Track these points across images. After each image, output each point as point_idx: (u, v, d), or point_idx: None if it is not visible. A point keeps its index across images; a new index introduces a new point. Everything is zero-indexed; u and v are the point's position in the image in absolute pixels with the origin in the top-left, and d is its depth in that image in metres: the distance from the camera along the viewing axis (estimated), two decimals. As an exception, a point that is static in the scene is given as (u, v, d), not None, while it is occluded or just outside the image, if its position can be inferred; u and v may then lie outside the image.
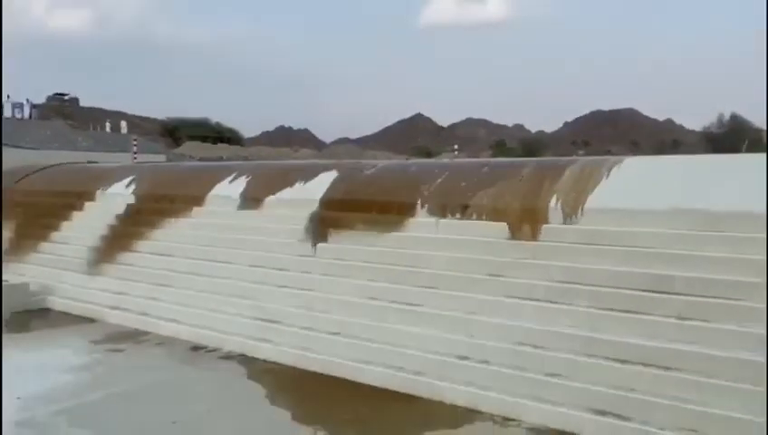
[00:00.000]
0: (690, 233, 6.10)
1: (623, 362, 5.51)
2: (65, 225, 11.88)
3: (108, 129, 31.59)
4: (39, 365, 7.21)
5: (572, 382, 5.58)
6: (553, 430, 5.32)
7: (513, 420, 5.55)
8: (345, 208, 8.54)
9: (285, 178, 9.71)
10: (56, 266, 10.87)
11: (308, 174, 9.58)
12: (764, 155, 6.44)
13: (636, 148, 74.39)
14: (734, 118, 72.08)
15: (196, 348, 7.86)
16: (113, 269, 10.14)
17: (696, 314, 5.53)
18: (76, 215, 11.96)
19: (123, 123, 33.43)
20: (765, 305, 5.03)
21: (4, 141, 19.06)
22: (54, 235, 11.77)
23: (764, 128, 65.34)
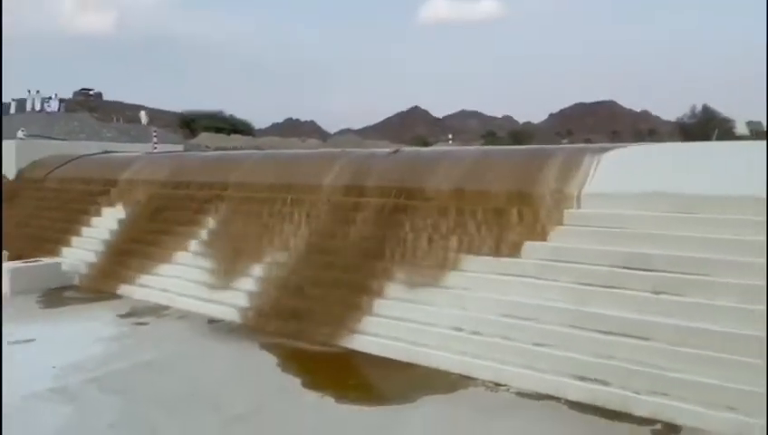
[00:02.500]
0: (666, 215, 6.10)
1: (604, 332, 5.52)
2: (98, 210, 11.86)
3: (143, 120, 31.35)
4: (71, 337, 7.24)
5: (557, 351, 5.60)
6: (540, 394, 5.35)
7: (504, 385, 5.58)
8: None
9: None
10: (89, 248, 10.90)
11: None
12: (733, 143, 6.43)
13: (615, 137, 74.09)
14: (706, 109, 71.72)
15: (212, 321, 7.89)
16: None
17: (670, 289, 5.54)
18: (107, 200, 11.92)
19: (143, 113, 33.21)
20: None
21: (35, 133, 19.00)
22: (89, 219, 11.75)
23: (733, 118, 65.18)
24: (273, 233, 8.75)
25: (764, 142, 6.30)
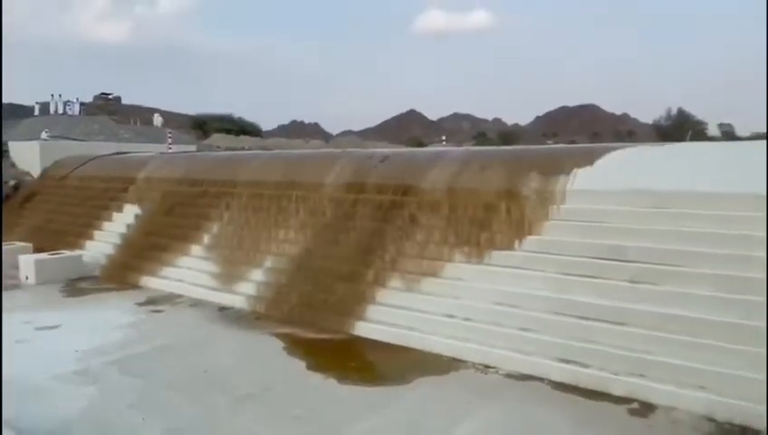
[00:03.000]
0: (642, 210, 6.12)
1: (585, 318, 5.56)
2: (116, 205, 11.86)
3: (155, 122, 31.05)
4: (93, 324, 7.26)
5: (542, 336, 5.64)
6: (526, 376, 5.40)
7: (492, 367, 5.62)
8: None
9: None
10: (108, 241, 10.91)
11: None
12: (706, 144, 6.46)
13: (597, 138, 74.02)
14: (681, 112, 71.64)
15: (222, 308, 7.92)
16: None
17: (645, 278, 5.57)
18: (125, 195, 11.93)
19: (156, 116, 32.93)
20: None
21: (58, 134, 18.96)
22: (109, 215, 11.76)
23: (705, 121, 65.15)
24: (280, 227, 8.77)
25: (733, 143, 6.34)
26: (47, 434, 4.33)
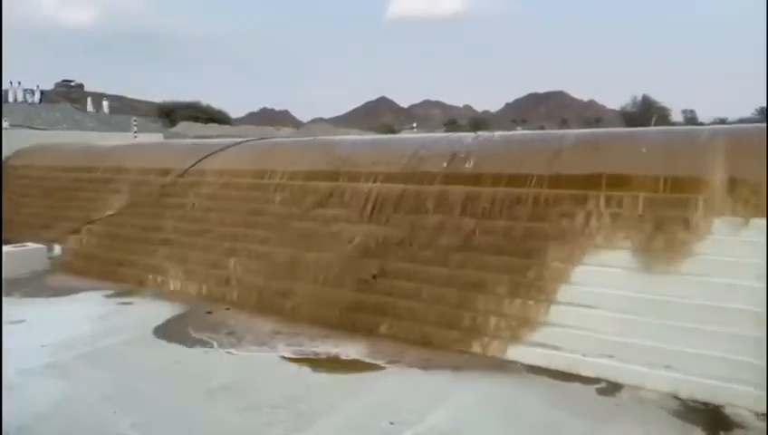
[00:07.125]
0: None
1: (555, 303, 5.65)
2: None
3: (89, 107, 30.03)
4: (60, 317, 7.11)
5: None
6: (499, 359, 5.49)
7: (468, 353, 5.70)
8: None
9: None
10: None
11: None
12: (671, 127, 6.55)
13: (565, 124, 75.00)
14: (645, 98, 73.18)
15: (195, 300, 7.81)
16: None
17: (614, 263, 5.68)
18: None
19: (105, 103, 32.02)
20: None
21: (19, 123, 18.36)
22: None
23: (668, 107, 66.77)
24: (252, 215, 8.64)
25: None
26: (18, 430, 4.23)
